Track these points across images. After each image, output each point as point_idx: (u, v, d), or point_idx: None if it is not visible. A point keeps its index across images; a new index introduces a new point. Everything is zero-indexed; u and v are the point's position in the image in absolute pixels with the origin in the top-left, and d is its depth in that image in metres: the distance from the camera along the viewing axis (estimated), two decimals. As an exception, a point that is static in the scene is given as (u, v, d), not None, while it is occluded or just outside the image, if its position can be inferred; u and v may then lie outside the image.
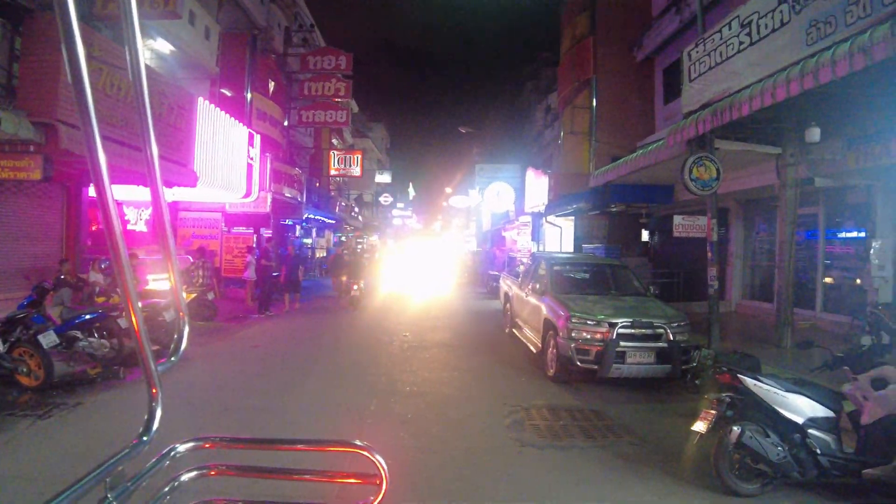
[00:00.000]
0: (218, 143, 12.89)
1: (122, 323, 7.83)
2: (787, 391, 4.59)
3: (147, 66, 7.32)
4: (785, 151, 9.18)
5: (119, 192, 11.71)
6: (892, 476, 4.16)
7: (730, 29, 8.30)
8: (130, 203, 14.67)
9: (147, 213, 14.91)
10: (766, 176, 10.46)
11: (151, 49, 13.91)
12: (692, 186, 9.13)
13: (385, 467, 1.62)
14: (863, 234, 9.42)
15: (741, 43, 8.04)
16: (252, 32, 18.55)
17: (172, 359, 1.53)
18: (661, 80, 17.48)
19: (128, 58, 1.29)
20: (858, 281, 9.28)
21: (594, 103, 19.04)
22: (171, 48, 14.31)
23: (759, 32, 7.63)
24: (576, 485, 4.75)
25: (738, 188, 11.75)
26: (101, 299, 9.28)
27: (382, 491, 1.61)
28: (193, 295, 11.41)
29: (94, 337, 7.57)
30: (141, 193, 12.23)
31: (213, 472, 1.75)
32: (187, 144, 11.39)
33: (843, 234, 10.41)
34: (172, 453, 1.59)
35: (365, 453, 1.67)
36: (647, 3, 17.71)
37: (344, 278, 16.45)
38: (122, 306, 6.75)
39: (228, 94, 17.32)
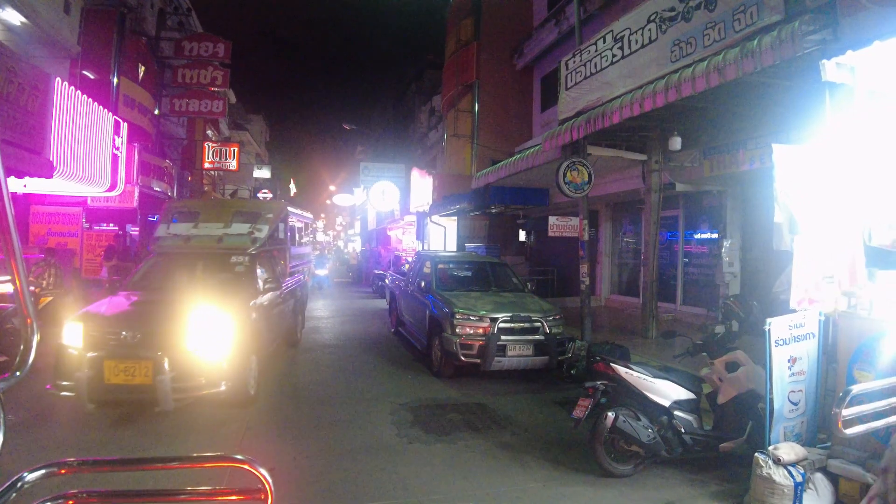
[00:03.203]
0: (78, 130, 11.60)
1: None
2: (654, 377, 4.98)
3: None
4: (650, 158, 9.96)
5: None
6: (743, 448, 4.67)
7: (604, 42, 8.86)
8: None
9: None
10: (632, 181, 11.27)
11: (-2, 21, 12.31)
12: (566, 189, 9.64)
13: (269, 480, 1.52)
14: (715, 235, 10.44)
15: (614, 56, 8.61)
16: (120, 10, 16.96)
17: (18, 373, 1.27)
18: (538, 88, 18.30)
19: None
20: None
21: (476, 107, 19.55)
22: (23, 19, 12.74)
23: (630, 47, 8.22)
24: (462, 478, 4.83)
25: (608, 192, 12.56)
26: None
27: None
28: (49, 298, 10.26)
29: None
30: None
31: (71, 502, 1.50)
32: (41, 130, 10.14)
33: (698, 235, 11.48)
34: (20, 484, 1.34)
35: (246, 467, 1.56)
36: (529, 13, 18.46)
37: None
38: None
39: (91, 76, 15.71)
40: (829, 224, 4.46)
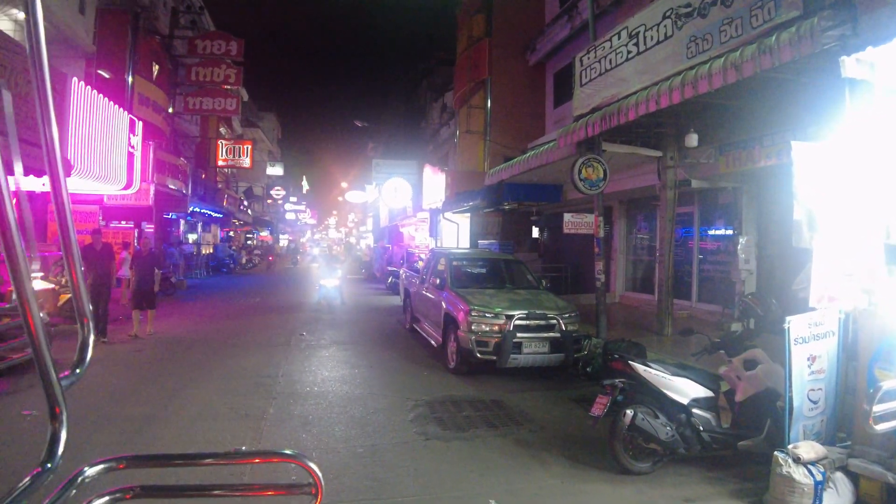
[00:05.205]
0: (95, 129, 11.80)
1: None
2: (672, 375, 4.99)
3: (12, 39, 6.52)
4: (665, 155, 9.92)
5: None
6: (762, 446, 4.67)
7: (619, 38, 8.83)
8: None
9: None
10: (647, 177, 11.22)
11: (15, 20, 12.49)
12: (581, 186, 9.62)
13: (320, 474, 1.53)
14: (731, 232, 10.38)
15: (629, 52, 8.58)
16: (134, 10, 17.18)
17: (78, 371, 1.31)
18: (551, 84, 18.24)
19: (26, 35, 1.13)
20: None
21: (489, 104, 19.53)
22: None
23: (645, 43, 8.18)
24: (481, 474, 4.87)
25: (623, 188, 12.51)
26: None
27: (318, 499, 1.52)
28: (69, 295, 10.42)
29: (-52, 344, 6.62)
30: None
31: (128, 497, 1.53)
32: (59, 129, 10.35)
33: (714, 232, 11.41)
34: (80, 479, 1.37)
35: (297, 462, 1.57)
36: (541, 9, 18.39)
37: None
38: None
39: (107, 75, 15.94)
40: (848, 222, 4.44)
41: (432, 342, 9.74)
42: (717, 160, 9.25)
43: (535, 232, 19.38)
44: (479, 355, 7.86)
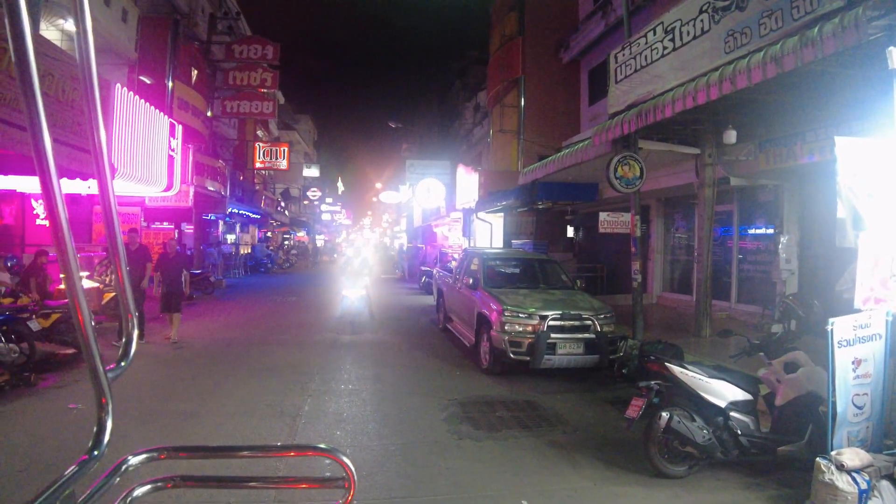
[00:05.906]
0: (137, 133, 12.19)
1: (33, 325, 7.33)
2: (710, 377, 4.88)
3: (58, 48, 6.75)
4: (703, 152, 9.71)
5: (28, 184, 10.86)
6: (803, 452, 4.52)
7: (654, 34, 8.67)
8: (40, 196, 13.57)
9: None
10: (685, 175, 11.00)
11: (61, 30, 12.96)
12: (617, 184, 9.49)
13: (353, 468, 1.55)
14: (771, 231, 10.10)
15: (665, 48, 8.42)
16: (174, 17, 17.69)
17: (122, 364, 1.38)
18: (586, 81, 18.05)
19: (77, 45, 1.18)
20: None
21: (522, 102, 19.43)
22: (84, 29, 13.44)
23: (681, 39, 8.02)
24: (514, 475, 4.86)
25: (660, 186, 12.30)
26: (7, 300, 8.57)
27: (351, 493, 1.54)
28: (113, 294, 10.78)
29: (2, 342, 6.98)
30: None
31: (169, 485, 1.59)
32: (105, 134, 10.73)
33: (754, 231, 11.11)
34: (124, 467, 1.43)
35: (331, 457, 1.59)
36: (574, 6, 18.23)
37: None
38: (34, 307, 6.24)
39: (148, 81, 16.43)
40: (896, 220, 4.27)
41: (465, 342, 9.74)
42: (756, 157, 9.01)
43: (570, 231, 19.21)
44: (512, 356, 7.82)
